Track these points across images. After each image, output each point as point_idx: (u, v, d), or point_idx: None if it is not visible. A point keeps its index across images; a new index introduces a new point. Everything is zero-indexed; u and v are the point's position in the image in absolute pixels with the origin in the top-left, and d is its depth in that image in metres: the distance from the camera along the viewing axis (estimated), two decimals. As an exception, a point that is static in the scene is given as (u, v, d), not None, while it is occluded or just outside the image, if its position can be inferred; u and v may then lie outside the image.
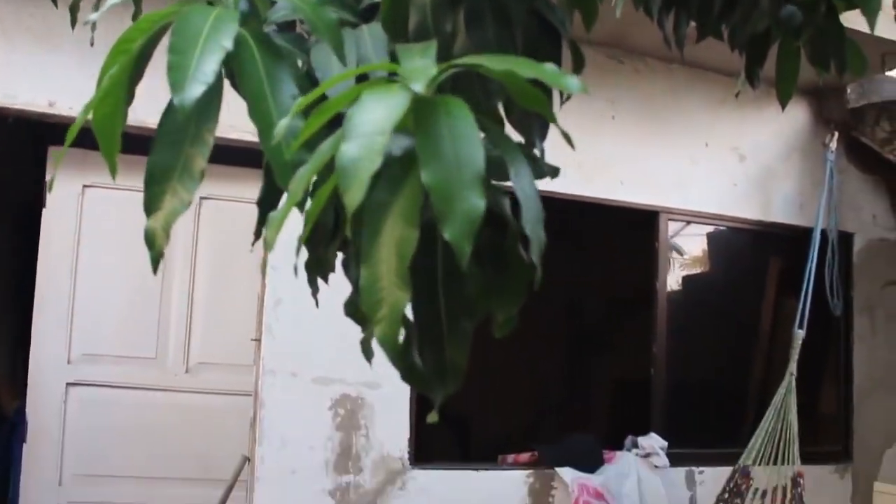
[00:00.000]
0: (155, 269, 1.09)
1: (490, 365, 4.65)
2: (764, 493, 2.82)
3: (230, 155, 3.45)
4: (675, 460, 3.83)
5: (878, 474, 4.42)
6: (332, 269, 1.23)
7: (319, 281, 1.16)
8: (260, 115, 1.02)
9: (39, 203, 3.65)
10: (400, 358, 0.87)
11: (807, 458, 4.21)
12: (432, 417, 0.94)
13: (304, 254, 1.12)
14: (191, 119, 0.97)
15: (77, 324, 3.63)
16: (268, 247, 0.94)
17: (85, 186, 3.66)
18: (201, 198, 3.73)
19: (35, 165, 3.84)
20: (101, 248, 3.65)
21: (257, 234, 1.21)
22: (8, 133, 3.65)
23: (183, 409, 3.66)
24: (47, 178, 3.65)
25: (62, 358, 3.60)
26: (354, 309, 1.04)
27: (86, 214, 3.65)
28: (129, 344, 3.67)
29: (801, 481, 2.79)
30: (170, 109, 0.95)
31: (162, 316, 3.70)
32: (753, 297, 4.63)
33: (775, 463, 2.84)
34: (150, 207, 1.02)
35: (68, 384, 3.61)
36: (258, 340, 3.37)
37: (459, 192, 0.74)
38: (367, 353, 0.97)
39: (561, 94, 1.05)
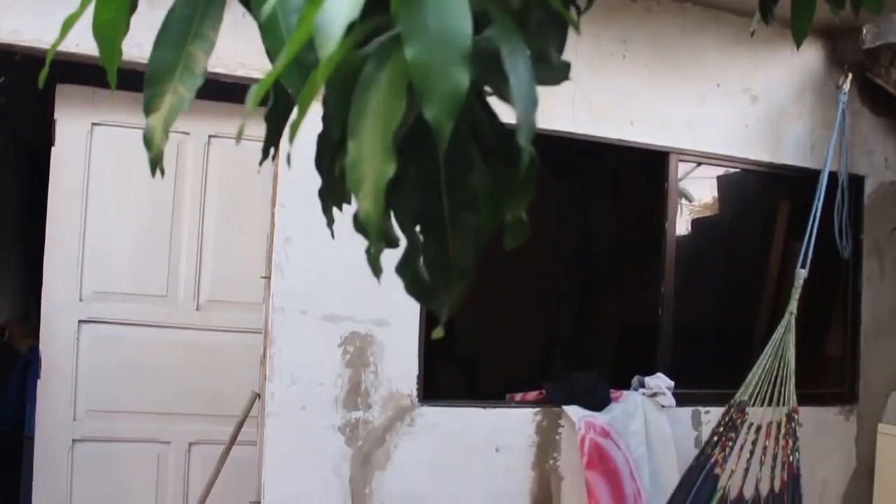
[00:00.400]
0: (153, 171, 1.07)
1: (499, 308, 4.69)
2: (758, 428, 2.85)
3: (238, 93, 3.44)
4: (681, 400, 3.86)
5: (883, 416, 4.45)
6: (348, 200, 1.21)
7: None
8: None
9: (49, 142, 3.66)
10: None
11: (812, 400, 4.26)
12: (438, 333, 0.93)
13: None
14: (194, 15, 0.95)
15: (88, 262, 3.65)
16: (291, 136, 0.91)
17: (94, 125, 3.65)
18: (210, 136, 3.73)
19: (43, 103, 3.83)
20: (110, 186, 3.67)
21: (265, 152, 1.19)
22: (15, 70, 3.63)
23: (194, 346, 3.70)
24: (55, 116, 3.64)
25: (74, 296, 3.63)
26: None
27: (95, 153, 3.65)
28: (140, 282, 3.70)
29: (796, 417, 2.81)
30: (173, 7, 0.93)
31: (172, 254, 3.72)
32: (762, 240, 4.63)
33: (771, 399, 2.86)
34: (150, 106, 1.01)
35: (80, 321, 3.64)
36: (267, 278, 3.39)
37: (442, 68, 0.71)
38: (376, 269, 0.95)
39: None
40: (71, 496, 3.64)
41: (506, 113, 0.85)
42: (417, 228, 0.90)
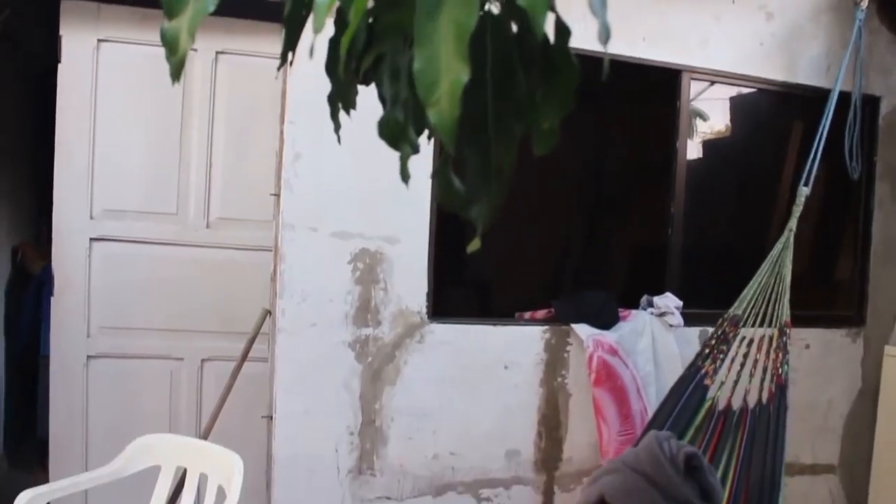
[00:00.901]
0: (176, 78, 1.06)
1: (509, 230, 4.68)
2: (750, 342, 2.86)
3: (247, 8, 3.40)
4: (689, 320, 3.88)
5: (890, 338, 4.47)
6: (354, 105, 1.20)
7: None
8: None
9: (55, 59, 3.63)
10: (454, 144, 0.84)
11: (820, 322, 4.29)
12: (474, 245, 0.93)
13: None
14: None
15: (98, 180, 3.66)
16: (316, 30, 0.91)
17: (100, 41, 3.62)
18: (217, 52, 3.69)
19: (49, 21, 3.79)
20: (118, 103, 3.65)
21: (283, 57, 1.17)
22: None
23: (204, 263, 3.72)
24: (61, 32, 3.61)
25: (84, 214, 3.65)
26: (390, 128, 1.01)
27: (101, 70, 3.62)
28: (150, 200, 3.71)
29: (788, 332, 2.82)
30: None
31: (182, 172, 3.72)
32: (774, 161, 4.59)
33: (764, 314, 2.87)
34: (173, 9, 0.99)
35: (91, 239, 3.66)
36: (277, 196, 3.39)
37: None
38: (405, 175, 0.95)
39: None
40: (87, 411, 3.71)
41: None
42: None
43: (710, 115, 4.88)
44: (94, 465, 3.34)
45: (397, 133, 0.98)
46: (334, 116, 1.18)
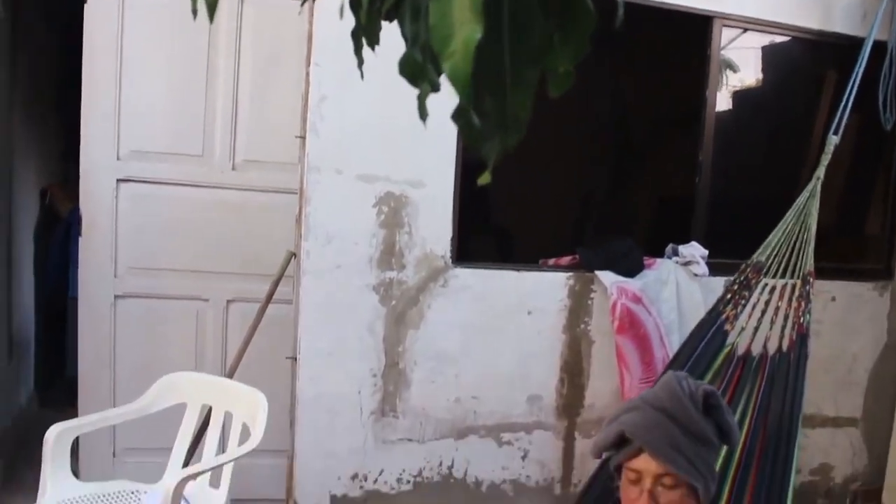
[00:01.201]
0: (211, 17, 1.07)
1: (535, 179, 4.67)
2: (773, 289, 2.83)
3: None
4: (714, 269, 3.86)
5: (918, 293, 4.42)
6: (378, 41, 1.19)
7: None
8: None
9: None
10: (467, 97, 0.85)
11: (848, 275, 4.24)
12: (484, 178, 0.93)
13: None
14: None
15: (124, 121, 3.67)
16: None
17: (127, -20, 3.60)
18: (243, -8, 3.67)
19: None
20: (144, 44, 3.64)
21: None
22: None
23: (230, 205, 3.74)
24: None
25: (111, 154, 3.66)
26: (410, 66, 1.01)
27: (128, 9, 3.61)
28: (176, 141, 3.72)
29: (811, 280, 2.79)
30: None
31: (207, 113, 3.72)
32: (806, 111, 4.51)
33: (788, 262, 2.83)
34: None
35: (118, 180, 3.68)
36: (302, 138, 3.38)
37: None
38: (423, 112, 0.95)
39: None
40: (114, 351, 3.77)
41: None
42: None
43: (740, 67, 4.80)
44: (121, 403, 3.40)
45: (416, 72, 0.98)
46: (358, 52, 1.18)
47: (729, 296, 2.83)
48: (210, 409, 3.14)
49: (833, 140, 3.62)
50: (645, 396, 1.85)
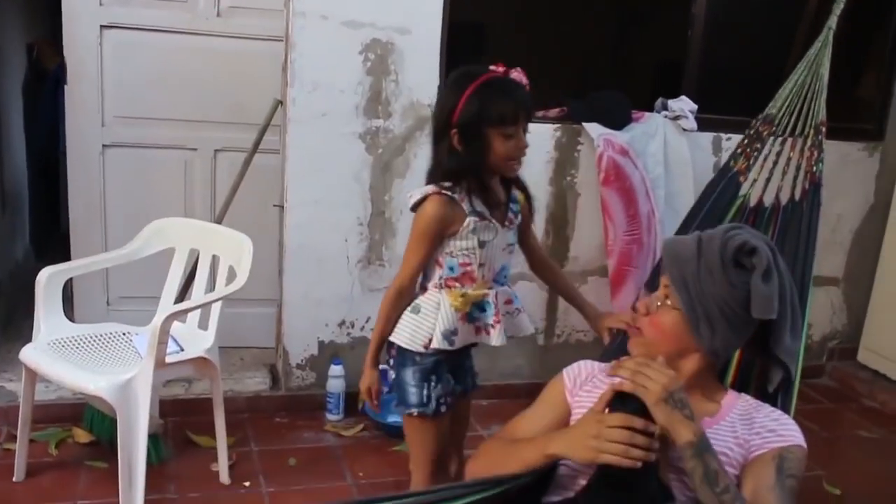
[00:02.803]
0: None
1: (531, 36, 4.59)
2: (784, 140, 2.83)
3: None
4: (703, 125, 3.85)
5: (908, 152, 4.42)
6: None
7: None
8: None
9: None
10: None
11: (838, 134, 4.21)
12: None
13: None
14: None
15: (106, -35, 3.58)
16: None
17: None
18: None
19: None
20: None
21: None
22: None
23: (216, 53, 3.69)
24: None
25: (94, 0, 3.59)
26: None
27: None
28: (159, -13, 3.64)
29: (824, 129, 2.77)
30: None
31: (190, -43, 3.63)
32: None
33: (800, 113, 2.81)
34: None
35: (102, 27, 3.62)
36: (287, -19, 3.31)
37: None
38: None
39: None
40: (104, 200, 3.80)
41: None
42: None
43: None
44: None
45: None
46: None
47: (739, 150, 2.81)
48: (199, 254, 3.19)
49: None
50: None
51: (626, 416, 1.53)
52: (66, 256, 3.71)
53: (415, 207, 2.11)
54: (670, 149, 3.76)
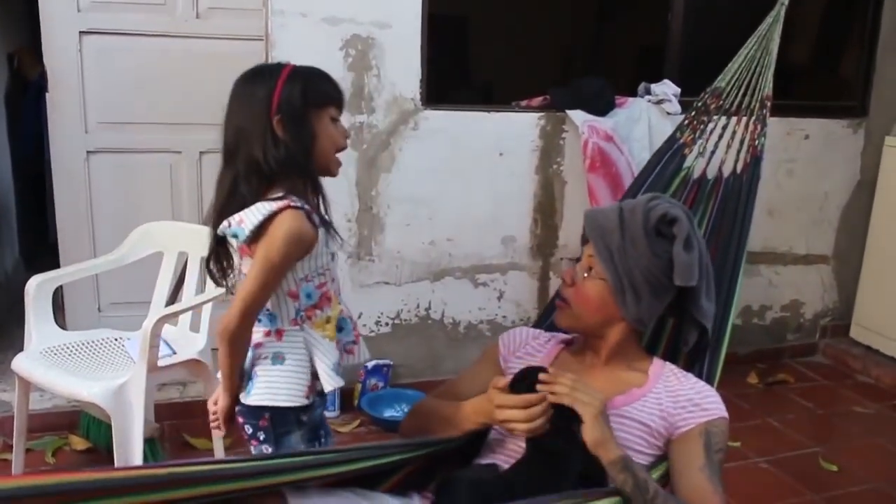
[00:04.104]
0: None
1: (514, 32, 4.58)
2: (731, 114, 2.84)
3: None
4: (686, 108, 3.84)
5: (892, 129, 4.43)
6: None
7: None
8: None
9: None
10: None
11: (822, 112, 4.24)
12: None
13: None
14: None
15: (82, -30, 3.57)
16: None
17: None
18: None
19: None
20: None
21: None
22: None
23: (196, 55, 3.67)
24: None
25: (72, 6, 3.57)
26: None
27: None
28: (137, -10, 3.63)
29: (768, 104, 2.78)
30: None
31: (166, -41, 3.62)
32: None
33: (748, 87, 2.81)
34: None
35: (81, 32, 3.60)
36: (265, -20, 3.30)
37: None
38: None
39: None
40: (91, 207, 3.78)
41: None
42: None
43: None
44: (102, 258, 3.43)
45: None
46: None
47: (686, 122, 2.82)
48: (187, 257, 3.18)
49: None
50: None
51: (516, 397, 1.61)
52: (55, 265, 3.68)
53: (258, 231, 1.69)
54: (655, 133, 3.76)
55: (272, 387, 1.77)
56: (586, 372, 1.78)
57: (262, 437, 1.80)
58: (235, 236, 1.72)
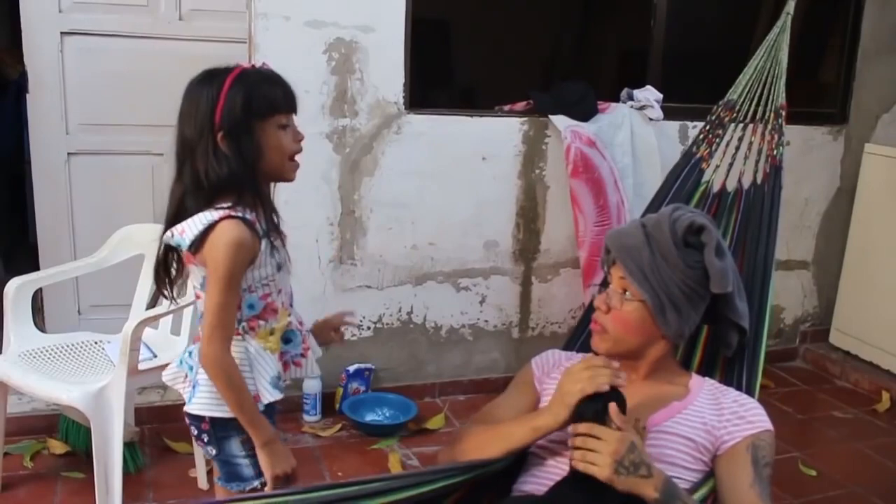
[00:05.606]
0: None
1: (496, 36, 4.59)
2: (746, 125, 2.85)
3: None
4: (669, 113, 3.87)
5: (871, 137, 4.47)
6: None
7: None
8: None
9: None
10: None
11: (802, 119, 4.27)
12: None
13: None
14: None
15: (64, -30, 3.55)
16: None
17: None
18: None
19: None
20: None
21: None
22: None
23: (178, 57, 3.63)
24: None
25: (53, 6, 3.56)
26: None
27: None
28: (119, -9, 3.61)
29: (783, 113, 2.80)
30: None
31: (149, -40, 3.61)
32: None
33: (760, 97, 2.84)
34: None
35: (62, 33, 3.58)
36: (249, -18, 3.29)
37: None
38: None
39: None
40: (72, 209, 3.75)
41: None
42: None
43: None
44: (83, 261, 3.41)
45: None
46: None
47: (702, 136, 2.83)
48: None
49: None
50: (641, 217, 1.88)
51: (589, 426, 1.53)
52: (35, 267, 3.66)
53: (199, 241, 1.69)
54: (637, 139, 3.78)
55: (213, 397, 1.77)
56: (625, 389, 1.75)
57: (205, 440, 1.86)
58: (179, 246, 1.74)
